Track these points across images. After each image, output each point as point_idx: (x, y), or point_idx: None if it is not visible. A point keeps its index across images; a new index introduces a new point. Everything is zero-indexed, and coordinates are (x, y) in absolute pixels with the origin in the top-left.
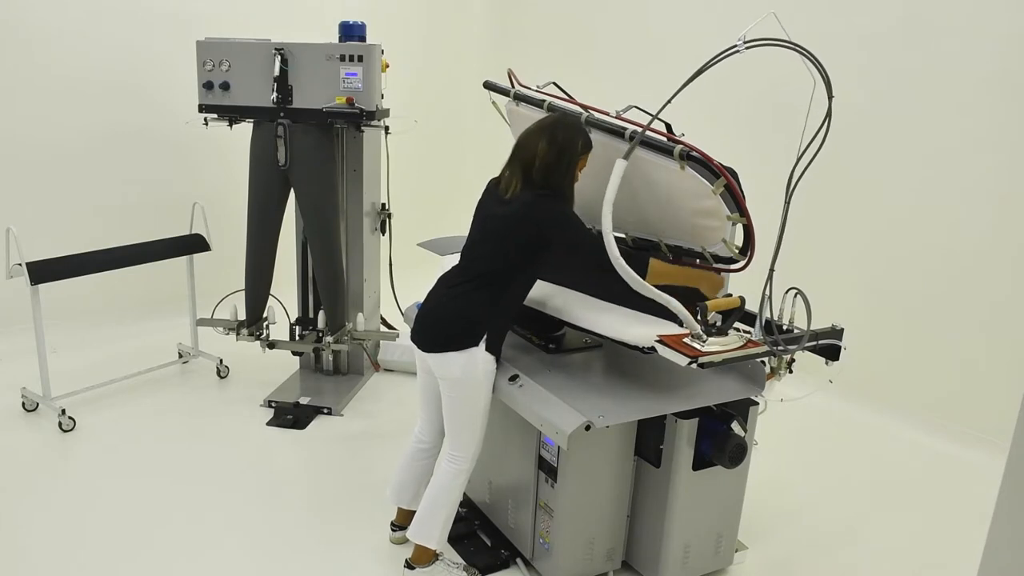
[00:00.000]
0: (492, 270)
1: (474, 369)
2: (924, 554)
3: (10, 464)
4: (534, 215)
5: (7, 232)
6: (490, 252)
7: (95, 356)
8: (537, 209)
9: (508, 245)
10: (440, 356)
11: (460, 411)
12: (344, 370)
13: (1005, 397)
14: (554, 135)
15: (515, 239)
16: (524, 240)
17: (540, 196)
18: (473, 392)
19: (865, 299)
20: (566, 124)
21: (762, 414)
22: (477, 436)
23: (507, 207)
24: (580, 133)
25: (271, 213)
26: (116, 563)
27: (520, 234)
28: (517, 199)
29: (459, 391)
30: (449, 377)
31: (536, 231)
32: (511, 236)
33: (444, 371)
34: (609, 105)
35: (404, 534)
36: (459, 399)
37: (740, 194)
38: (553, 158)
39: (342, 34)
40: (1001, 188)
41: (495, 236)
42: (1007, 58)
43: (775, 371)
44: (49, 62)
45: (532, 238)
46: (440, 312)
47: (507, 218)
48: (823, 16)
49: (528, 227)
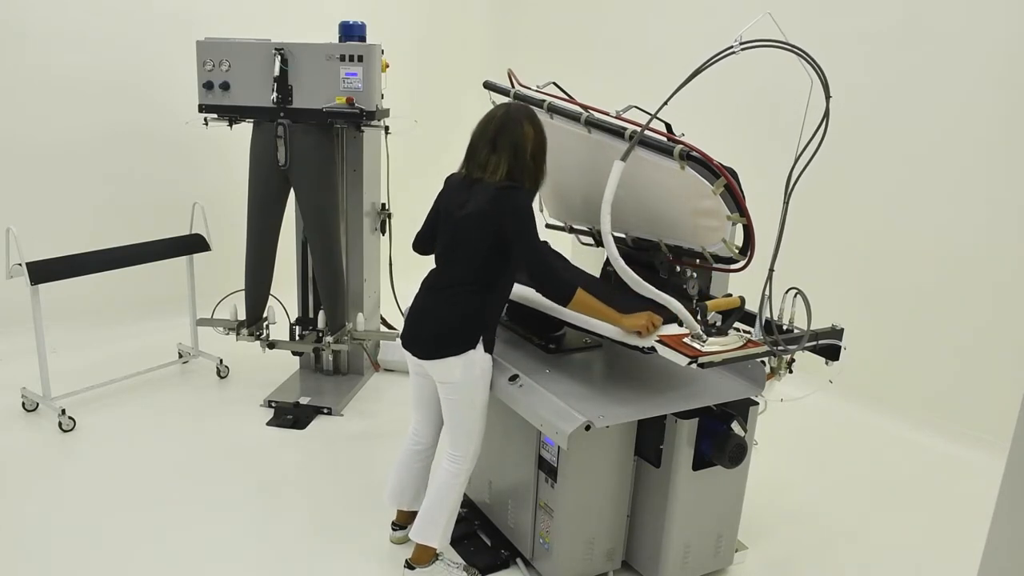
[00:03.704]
0: (476, 272)
1: (473, 371)
2: (924, 554)
3: (10, 464)
4: (500, 209)
5: (7, 232)
6: (469, 255)
7: (95, 356)
8: (502, 203)
9: (483, 245)
10: (438, 362)
11: (460, 412)
12: (344, 370)
13: (1005, 397)
14: (534, 120)
15: (488, 238)
16: (496, 237)
17: (503, 189)
18: (472, 393)
19: (865, 299)
20: (532, 112)
21: (762, 414)
22: (477, 435)
23: (470, 205)
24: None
25: (271, 213)
26: (116, 563)
27: (491, 232)
28: (479, 193)
29: (458, 393)
30: (448, 381)
31: (500, 225)
32: (484, 236)
33: (443, 376)
34: (609, 105)
35: (404, 534)
36: (459, 401)
37: (740, 194)
38: (539, 141)
39: (342, 34)
40: (1001, 188)
41: (469, 239)
42: (1007, 57)
43: (775, 371)
44: (49, 62)
45: (502, 233)
46: (431, 318)
47: (473, 216)
48: (824, 16)
49: (494, 222)
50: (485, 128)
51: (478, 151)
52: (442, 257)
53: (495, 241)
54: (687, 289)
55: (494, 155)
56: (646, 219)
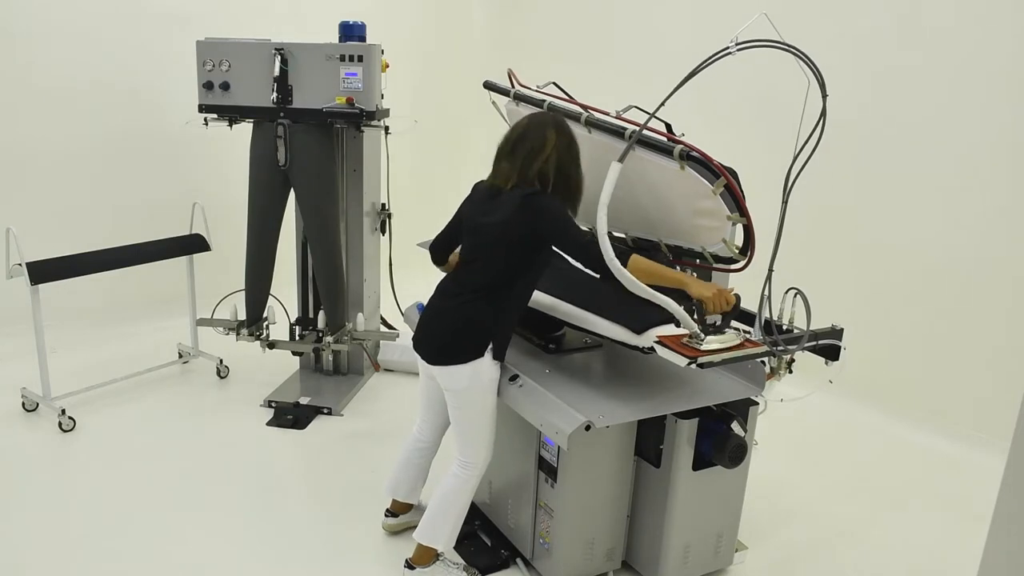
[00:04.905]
0: (492, 279)
1: (480, 379)
2: (924, 554)
3: (10, 464)
4: (527, 215)
5: (7, 232)
6: (487, 261)
7: (95, 356)
8: (529, 208)
9: (503, 252)
10: (446, 369)
11: (468, 420)
12: (344, 370)
13: (1005, 397)
14: (560, 126)
15: (509, 244)
16: (519, 243)
17: (529, 195)
18: (479, 400)
19: (865, 299)
20: (561, 119)
21: (762, 414)
22: (487, 442)
23: (497, 213)
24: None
25: (271, 213)
26: (116, 562)
27: (514, 237)
28: (506, 203)
29: (465, 401)
30: (455, 388)
31: (530, 230)
32: (505, 242)
33: (450, 383)
34: (609, 105)
35: (397, 522)
36: (466, 408)
37: (740, 194)
38: (565, 148)
39: (342, 34)
40: (1002, 187)
41: (489, 245)
42: (1013, 57)
43: (775, 371)
44: (49, 62)
45: (526, 238)
46: (442, 324)
47: (499, 225)
48: (828, 16)
49: (521, 228)
50: (509, 136)
51: (500, 159)
52: (462, 264)
53: (518, 250)
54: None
55: (509, 162)
56: (646, 219)
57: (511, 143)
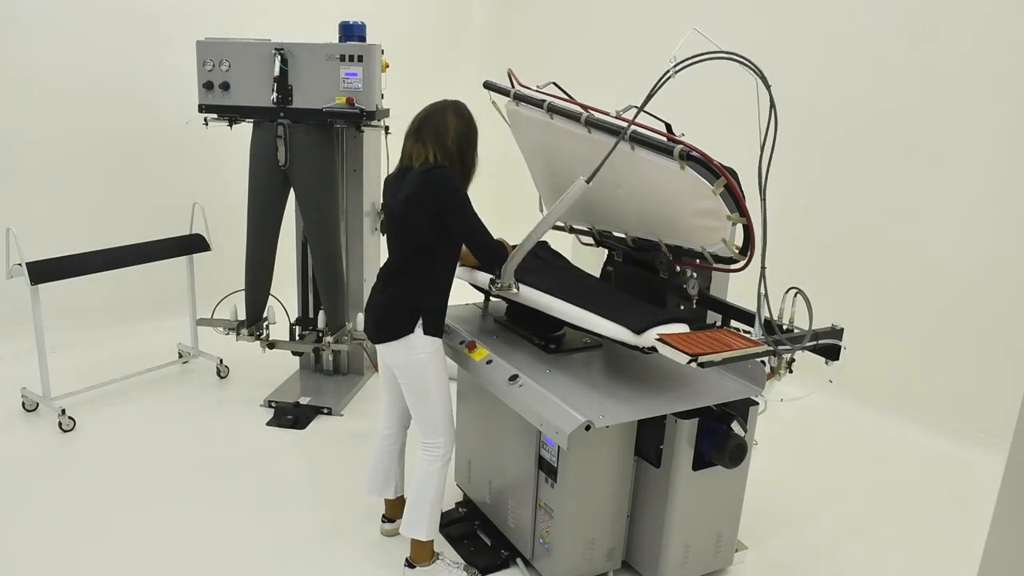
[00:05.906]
0: (411, 258)
1: (415, 354)
2: (924, 554)
3: (10, 464)
4: (429, 187)
5: (7, 232)
6: (403, 238)
7: (95, 356)
8: (431, 181)
9: (415, 225)
10: (383, 347)
11: (418, 399)
12: (344, 370)
13: (1005, 397)
14: (459, 111)
15: (418, 217)
16: (427, 214)
17: (430, 168)
18: (421, 376)
19: (865, 299)
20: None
21: (762, 414)
22: (443, 420)
23: (403, 191)
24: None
25: (271, 213)
26: (116, 562)
27: (421, 210)
28: (411, 179)
29: (407, 377)
30: (396, 365)
31: (432, 202)
32: (414, 215)
33: (390, 360)
34: (609, 105)
35: (394, 527)
36: (410, 385)
37: (740, 194)
38: (464, 130)
39: (342, 34)
40: (1002, 187)
41: (401, 222)
42: (1013, 57)
43: (775, 371)
44: (49, 62)
45: (433, 210)
46: (376, 304)
47: (405, 201)
48: (832, 15)
49: (426, 199)
50: (414, 120)
51: (407, 141)
52: (389, 247)
53: (429, 223)
54: (687, 289)
55: (418, 144)
56: (646, 219)
57: (416, 124)
